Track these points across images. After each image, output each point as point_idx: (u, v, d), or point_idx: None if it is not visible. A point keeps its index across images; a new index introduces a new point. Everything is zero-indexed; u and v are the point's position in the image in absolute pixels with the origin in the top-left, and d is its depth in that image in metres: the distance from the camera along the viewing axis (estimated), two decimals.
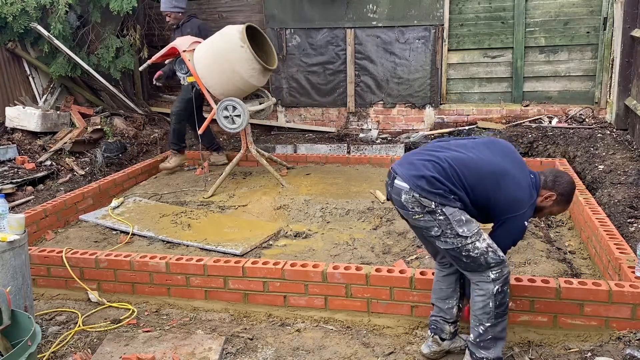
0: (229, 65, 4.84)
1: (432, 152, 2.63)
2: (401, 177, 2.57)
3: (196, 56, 5.04)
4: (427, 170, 2.52)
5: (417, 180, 2.51)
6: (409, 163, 2.61)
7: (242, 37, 4.76)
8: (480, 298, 2.55)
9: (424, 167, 2.54)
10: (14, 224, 3.00)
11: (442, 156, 2.57)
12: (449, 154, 2.59)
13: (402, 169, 2.60)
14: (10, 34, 6.74)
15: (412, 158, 2.65)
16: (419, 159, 2.61)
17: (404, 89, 7.04)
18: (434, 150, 2.64)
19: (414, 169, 2.55)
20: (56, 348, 2.99)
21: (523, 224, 2.54)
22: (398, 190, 2.57)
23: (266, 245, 4.18)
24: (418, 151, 2.74)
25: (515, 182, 2.52)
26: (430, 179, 2.50)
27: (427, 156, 2.61)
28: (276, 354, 2.90)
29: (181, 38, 5.29)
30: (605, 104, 6.47)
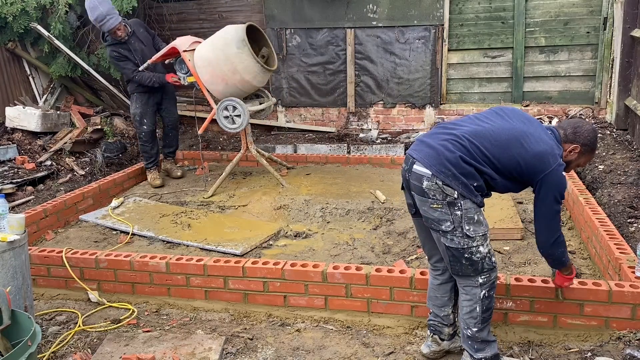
0: (230, 66, 4.83)
1: (447, 131, 2.49)
2: (421, 162, 2.43)
3: (196, 56, 5.04)
4: (450, 152, 2.40)
5: (440, 166, 2.39)
6: (428, 146, 2.47)
7: (242, 38, 4.76)
8: (467, 303, 2.54)
9: (445, 148, 2.41)
10: (14, 224, 3.00)
11: (459, 133, 2.45)
12: (465, 129, 2.47)
13: (420, 154, 2.46)
14: (10, 34, 6.74)
15: (428, 141, 2.50)
16: (437, 141, 2.46)
17: (404, 89, 7.04)
18: (448, 129, 2.51)
19: (435, 153, 2.42)
20: (56, 348, 2.99)
21: (561, 174, 2.43)
22: (418, 176, 2.44)
23: (266, 245, 4.18)
24: (432, 133, 2.57)
25: (537, 139, 2.42)
26: (455, 161, 2.38)
27: (444, 135, 2.47)
28: (276, 354, 2.90)
29: (181, 38, 5.26)
30: (605, 104, 6.47)
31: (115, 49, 5.32)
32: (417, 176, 2.46)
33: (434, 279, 2.80)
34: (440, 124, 2.62)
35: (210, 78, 5.00)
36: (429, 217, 2.49)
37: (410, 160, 2.50)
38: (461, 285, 2.56)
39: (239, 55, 4.79)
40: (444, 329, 2.78)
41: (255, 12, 7.30)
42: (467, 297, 2.53)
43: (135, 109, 5.59)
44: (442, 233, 2.47)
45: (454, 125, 2.55)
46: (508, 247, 3.80)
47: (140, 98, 5.55)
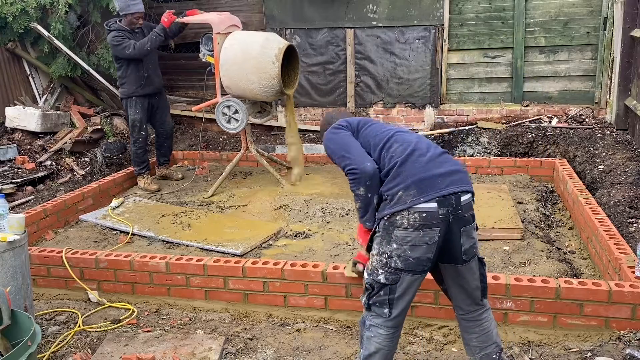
0: (250, 71, 4.75)
1: (436, 147, 2.45)
2: (464, 190, 2.29)
3: (226, 43, 4.91)
4: (458, 165, 2.39)
5: (467, 180, 2.35)
6: (452, 172, 2.33)
7: (277, 54, 4.68)
8: (494, 322, 2.51)
9: (455, 164, 2.38)
10: (14, 224, 3.01)
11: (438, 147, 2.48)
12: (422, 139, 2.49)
13: (458, 184, 2.30)
14: (10, 34, 6.74)
15: (443, 169, 2.33)
16: (448, 164, 2.37)
17: (404, 89, 7.04)
18: (430, 145, 2.44)
19: (464, 174, 2.36)
20: (56, 348, 2.99)
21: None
22: (468, 205, 2.32)
23: (266, 245, 4.18)
24: (429, 158, 2.36)
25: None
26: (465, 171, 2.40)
27: (439, 150, 2.43)
28: (276, 354, 2.90)
29: (220, 15, 5.07)
30: (605, 104, 6.47)
31: (120, 33, 5.18)
32: (468, 206, 2.32)
33: (478, 324, 2.46)
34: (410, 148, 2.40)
35: (227, 70, 4.88)
36: (472, 244, 2.34)
37: (452, 197, 2.26)
38: (486, 306, 2.48)
39: (266, 67, 4.68)
40: None
41: (255, 12, 7.30)
42: (491, 314, 2.50)
43: (136, 115, 5.42)
44: (476, 253, 2.38)
45: (410, 137, 2.48)
46: (508, 247, 3.80)
47: (139, 102, 5.39)
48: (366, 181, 2.38)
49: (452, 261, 2.35)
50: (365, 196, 2.40)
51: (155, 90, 5.52)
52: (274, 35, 4.94)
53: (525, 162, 5.48)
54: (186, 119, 7.76)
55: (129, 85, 5.37)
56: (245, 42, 4.83)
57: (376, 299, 2.35)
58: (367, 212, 2.44)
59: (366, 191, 2.39)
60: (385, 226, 2.31)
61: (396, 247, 2.26)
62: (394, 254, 2.27)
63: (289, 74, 5.18)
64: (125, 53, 5.16)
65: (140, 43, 5.15)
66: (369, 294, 2.37)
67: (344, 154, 2.49)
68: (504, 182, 5.14)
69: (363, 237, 2.58)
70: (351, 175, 2.43)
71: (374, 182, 2.38)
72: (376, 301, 2.35)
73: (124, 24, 5.28)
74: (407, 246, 2.25)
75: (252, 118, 5.27)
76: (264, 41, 4.77)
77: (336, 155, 2.55)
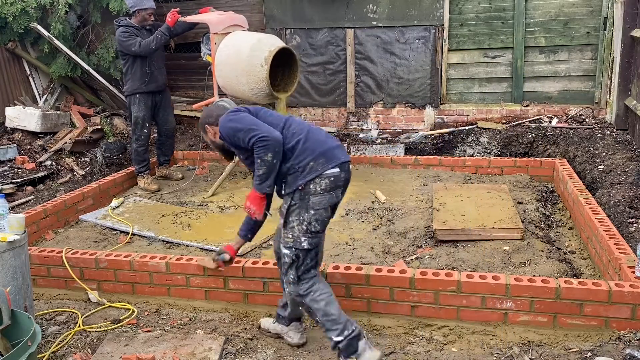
0: (240, 73, 4.76)
1: (313, 126, 2.86)
2: (350, 160, 2.78)
3: (222, 44, 4.91)
4: (338, 140, 2.86)
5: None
6: (338, 145, 2.79)
7: (267, 57, 4.67)
8: None
9: (339, 141, 2.85)
10: (14, 224, 3.01)
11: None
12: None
13: (344, 150, 2.79)
14: (11, 34, 6.74)
15: (335, 142, 2.79)
16: (334, 139, 2.82)
17: (404, 89, 7.04)
18: (319, 130, 2.84)
19: (343, 146, 2.83)
20: (56, 348, 2.99)
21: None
22: (351, 171, 2.82)
23: (266, 245, 4.18)
24: (325, 137, 2.80)
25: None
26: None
27: (321, 130, 2.86)
28: (276, 354, 2.90)
29: (219, 15, 5.09)
30: (605, 104, 6.47)
31: (128, 30, 5.27)
32: (351, 172, 2.81)
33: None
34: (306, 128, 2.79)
35: (222, 70, 4.90)
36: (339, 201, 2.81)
37: (347, 163, 2.75)
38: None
39: (255, 70, 4.68)
40: None
41: (255, 12, 7.30)
42: None
43: (139, 112, 5.46)
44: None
45: (302, 121, 2.89)
46: (508, 247, 3.80)
47: (142, 100, 5.44)
48: (275, 147, 2.61)
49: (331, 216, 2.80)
50: (271, 162, 2.63)
51: (159, 88, 5.54)
52: (270, 37, 4.93)
53: (525, 162, 5.48)
54: (186, 119, 7.75)
55: (132, 82, 5.42)
56: (238, 43, 4.84)
57: (304, 268, 2.69)
58: (270, 177, 2.67)
59: (273, 157, 2.62)
60: (301, 196, 2.64)
61: (314, 212, 2.63)
62: (313, 219, 2.63)
63: (289, 76, 5.18)
64: (131, 50, 5.24)
65: (146, 41, 5.22)
66: (297, 265, 2.68)
67: (251, 127, 2.68)
68: (504, 182, 5.14)
69: (258, 205, 2.78)
70: (261, 143, 2.62)
71: (280, 150, 2.64)
72: (304, 270, 2.69)
73: (134, 21, 5.39)
74: (322, 209, 2.65)
75: None
76: (256, 43, 4.76)
77: (242, 131, 2.69)
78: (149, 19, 5.41)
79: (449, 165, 5.66)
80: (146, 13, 5.37)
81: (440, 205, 4.40)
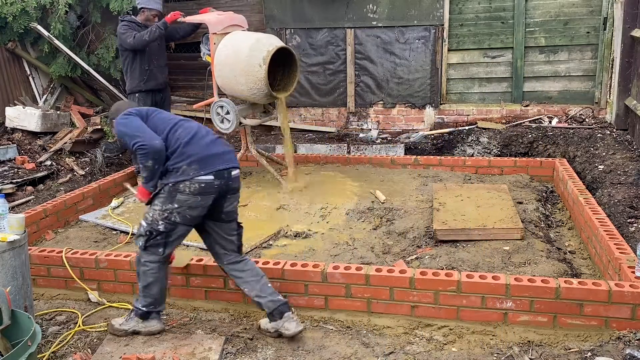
0: (238, 73, 4.75)
1: (210, 133, 3.06)
2: (234, 167, 3.01)
3: (221, 44, 4.92)
4: (229, 147, 3.10)
5: (236, 159, 3.07)
6: (226, 152, 3.02)
7: (265, 57, 4.67)
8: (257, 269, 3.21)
9: (227, 146, 3.09)
10: (14, 224, 3.01)
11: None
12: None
13: (232, 162, 3.00)
14: (11, 34, 6.74)
15: (219, 149, 3.00)
16: (221, 145, 3.03)
17: (404, 89, 7.04)
18: (207, 131, 3.05)
19: (229, 152, 3.05)
20: (56, 348, 2.99)
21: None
22: (237, 178, 3.04)
23: (266, 245, 4.18)
24: (209, 141, 2.99)
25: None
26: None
27: (213, 137, 3.04)
28: (276, 354, 2.90)
29: (218, 15, 5.13)
30: (605, 104, 6.47)
31: (128, 24, 5.36)
32: (236, 179, 3.03)
33: (244, 270, 3.08)
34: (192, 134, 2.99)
35: (221, 70, 4.91)
36: (236, 209, 3.10)
37: (226, 171, 2.96)
38: (248, 258, 3.17)
39: (253, 69, 4.68)
40: None
41: (255, 12, 7.30)
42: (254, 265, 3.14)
43: None
44: (236, 218, 3.11)
45: (192, 125, 3.07)
46: (508, 247, 3.80)
47: (142, 99, 5.48)
48: (154, 155, 2.86)
49: (216, 219, 3.04)
50: (152, 167, 2.89)
51: (159, 86, 5.57)
52: (269, 37, 4.92)
53: (525, 162, 5.48)
54: None
55: (131, 80, 5.49)
56: (236, 43, 4.85)
57: (153, 242, 2.95)
58: (153, 179, 2.94)
59: (154, 163, 2.88)
60: (169, 190, 2.89)
61: (177, 206, 2.88)
62: (175, 212, 2.89)
63: (289, 76, 5.18)
64: (127, 42, 5.30)
65: (140, 34, 5.29)
66: (147, 239, 2.94)
67: (135, 133, 2.92)
68: (504, 182, 5.14)
69: (145, 196, 3.05)
70: (141, 150, 2.86)
71: (161, 157, 2.88)
72: (152, 244, 2.95)
73: (139, 18, 5.49)
74: (186, 207, 2.89)
75: (250, 119, 5.27)
76: (254, 43, 4.76)
77: (128, 136, 2.94)
78: (153, 20, 5.49)
79: (449, 165, 5.66)
80: (151, 14, 5.49)
81: (440, 205, 4.40)
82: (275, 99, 5.07)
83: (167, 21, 5.29)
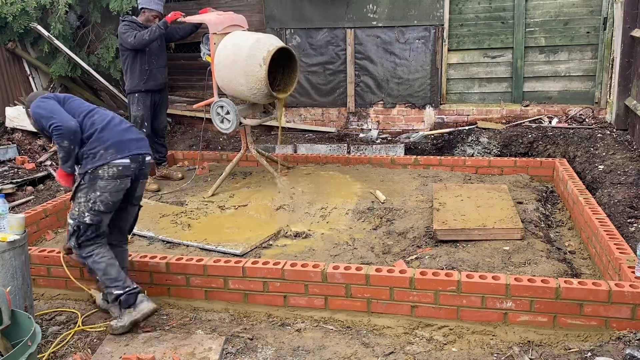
0: (238, 73, 4.75)
1: (124, 121, 3.20)
2: (147, 153, 3.19)
3: (221, 44, 4.92)
4: (143, 135, 3.26)
5: (149, 146, 3.25)
6: (139, 139, 3.18)
7: (266, 57, 4.67)
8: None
9: (141, 134, 3.26)
10: (14, 224, 3.01)
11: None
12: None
13: (142, 143, 3.17)
14: (11, 34, 6.74)
15: (132, 135, 3.16)
16: (134, 132, 3.20)
17: (404, 89, 7.04)
18: (121, 120, 3.20)
19: (143, 140, 3.21)
20: (56, 348, 3.00)
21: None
22: (149, 164, 3.22)
23: (266, 245, 4.18)
24: (123, 129, 3.15)
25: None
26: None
27: (127, 125, 3.19)
28: (276, 354, 2.90)
29: (219, 16, 5.13)
30: (605, 104, 6.47)
31: (129, 24, 5.35)
32: (148, 165, 3.21)
33: (120, 250, 3.31)
34: (107, 120, 3.14)
35: (221, 71, 4.91)
36: (142, 193, 3.31)
37: (140, 156, 3.14)
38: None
39: (253, 70, 4.66)
40: None
41: (255, 12, 7.30)
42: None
43: (137, 112, 5.48)
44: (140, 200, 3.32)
45: (108, 112, 3.23)
46: (508, 247, 3.80)
47: (141, 99, 5.46)
48: (70, 136, 2.97)
49: (127, 202, 3.21)
50: (68, 147, 3.00)
51: (158, 86, 5.56)
52: (269, 37, 4.92)
53: (525, 162, 5.48)
54: (186, 119, 7.76)
55: (131, 80, 5.47)
56: (237, 43, 4.84)
57: (84, 239, 3.07)
58: (69, 160, 3.05)
59: (69, 144, 2.99)
60: (90, 179, 3.01)
61: (99, 194, 3.01)
62: (98, 200, 3.01)
63: (289, 76, 5.17)
64: (128, 41, 5.30)
65: (140, 33, 5.29)
66: (77, 235, 3.06)
67: (51, 115, 3.01)
68: (504, 182, 5.14)
69: (65, 180, 3.17)
70: (57, 131, 2.97)
71: (76, 137, 3.00)
72: (84, 240, 3.08)
73: (140, 19, 5.48)
74: (107, 194, 3.02)
75: (250, 119, 5.27)
76: (254, 43, 4.76)
77: (44, 118, 3.03)
78: (153, 20, 5.47)
79: (449, 165, 5.66)
80: (151, 14, 5.47)
81: (440, 205, 4.40)
82: (276, 99, 5.07)
83: (167, 21, 5.29)
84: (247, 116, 5.25)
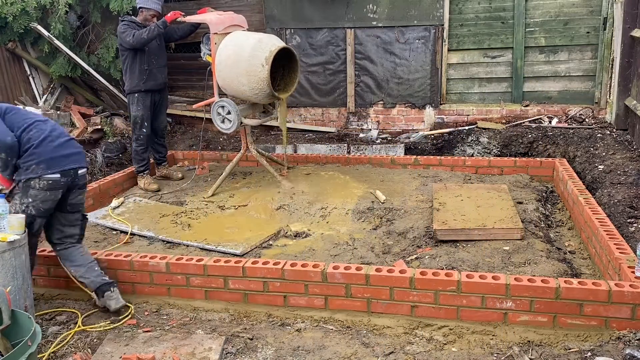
0: (240, 73, 4.75)
1: (63, 134, 3.38)
2: (81, 166, 3.39)
3: (222, 44, 4.92)
4: (79, 149, 3.45)
5: (84, 159, 3.45)
6: (77, 153, 3.39)
7: (268, 57, 4.66)
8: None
9: (77, 147, 3.43)
10: (14, 224, 3.01)
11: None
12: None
13: (80, 162, 3.38)
14: (11, 34, 6.74)
15: (69, 151, 3.33)
16: (73, 146, 3.38)
17: (404, 89, 7.04)
18: (60, 131, 3.37)
19: (78, 154, 3.40)
20: (56, 348, 3.00)
21: None
22: (83, 176, 3.42)
23: (266, 245, 4.18)
24: (61, 143, 3.32)
25: None
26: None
27: (67, 137, 3.38)
28: (276, 354, 2.90)
29: (219, 16, 5.13)
30: (605, 104, 6.47)
31: (128, 24, 5.35)
32: (83, 177, 3.42)
33: (80, 253, 3.47)
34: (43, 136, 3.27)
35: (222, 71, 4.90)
36: (81, 202, 3.50)
37: (72, 170, 3.33)
38: (84, 246, 3.58)
39: (256, 70, 4.66)
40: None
41: (255, 12, 7.30)
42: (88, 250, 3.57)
43: (137, 111, 5.48)
44: (83, 209, 3.54)
45: (46, 127, 3.34)
46: (508, 247, 3.80)
47: (141, 99, 5.45)
48: (6, 149, 3.16)
49: (61, 210, 3.41)
50: (6, 159, 3.21)
51: (158, 86, 5.55)
52: (270, 38, 4.91)
53: (525, 162, 5.48)
54: (186, 119, 7.76)
55: (131, 80, 5.46)
56: (238, 43, 4.83)
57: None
58: (7, 169, 3.26)
59: (6, 156, 3.19)
60: (23, 187, 3.24)
61: (31, 201, 3.23)
62: (30, 205, 3.23)
63: (289, 76, 5.17)
64: (126, 41, 5.29)
65: (139, 32, 5.28)
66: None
67: None
68: (504, 182, 5.14)
69: (5, 183, 3.37)
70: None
71: (13, 151, 3.19)
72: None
73: (138, 18, 5.48)
74: (39, 201, 3.25)
75: (251, 119, 5.27)
76: (256, 43, 4.76)
77: None
78: (151, 20, 5.46)
79: (449, 165, 5.66)
80: (149, 13, 5.45)
81: (440, 205, 4.40)
82: (277, 99, 5.07)
83: (166, 20, 5.29)
84: (248, 116, 5.25)
